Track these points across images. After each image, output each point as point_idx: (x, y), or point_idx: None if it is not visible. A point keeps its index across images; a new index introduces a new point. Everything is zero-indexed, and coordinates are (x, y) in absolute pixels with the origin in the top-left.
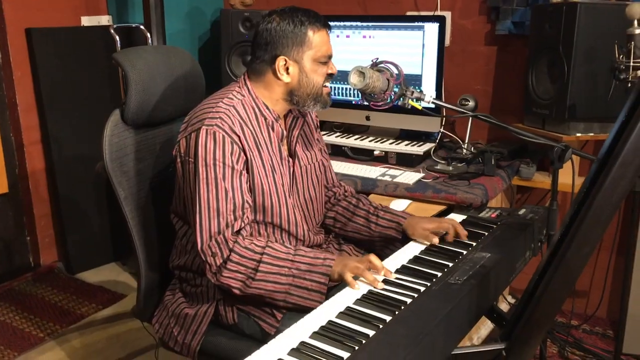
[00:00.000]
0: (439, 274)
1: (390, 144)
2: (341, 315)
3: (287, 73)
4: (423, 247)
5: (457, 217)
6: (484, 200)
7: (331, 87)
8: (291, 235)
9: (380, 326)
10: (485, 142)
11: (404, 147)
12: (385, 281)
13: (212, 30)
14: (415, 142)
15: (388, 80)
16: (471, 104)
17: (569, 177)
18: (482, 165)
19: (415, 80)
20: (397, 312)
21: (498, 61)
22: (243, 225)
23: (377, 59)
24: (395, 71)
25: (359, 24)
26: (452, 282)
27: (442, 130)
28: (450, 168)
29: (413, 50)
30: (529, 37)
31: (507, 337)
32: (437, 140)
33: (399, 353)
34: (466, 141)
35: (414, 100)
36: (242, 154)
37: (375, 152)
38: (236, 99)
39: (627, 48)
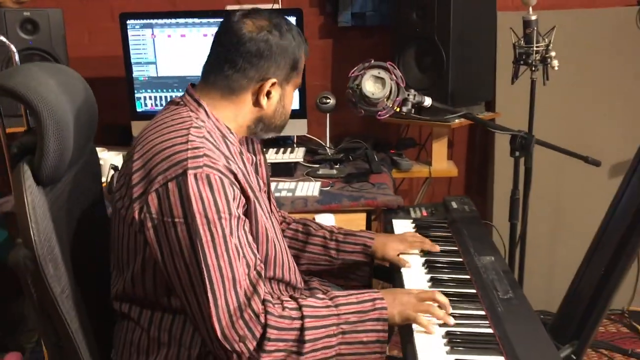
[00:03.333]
0: (474, 291)
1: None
2: None
3: (268, 99)
4: (421, 263)
5: (405, 225)
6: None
7: None
8: (289, 286)
9: None
10: (325, 137)
11: (277, 156)
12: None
13: None
14: (280, 149)
15: (393, 84)
16: (332, 102)
17: (442, 162)
18: (354, 164)
19: None
20: (502, 346)
21: (335, 54)
22: (264, 288)
23: (371, 60)
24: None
25: (195, 20)
26: (505, 297)
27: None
28: (335, 172)
29: None
30: (392, 27)
31: (574, 339)
32: (297, 143)
33: None
34: (327, 140)
35: (416, 102)
36: (241, 196)
37: None
38: (200, 126)
39: (527, 33)
